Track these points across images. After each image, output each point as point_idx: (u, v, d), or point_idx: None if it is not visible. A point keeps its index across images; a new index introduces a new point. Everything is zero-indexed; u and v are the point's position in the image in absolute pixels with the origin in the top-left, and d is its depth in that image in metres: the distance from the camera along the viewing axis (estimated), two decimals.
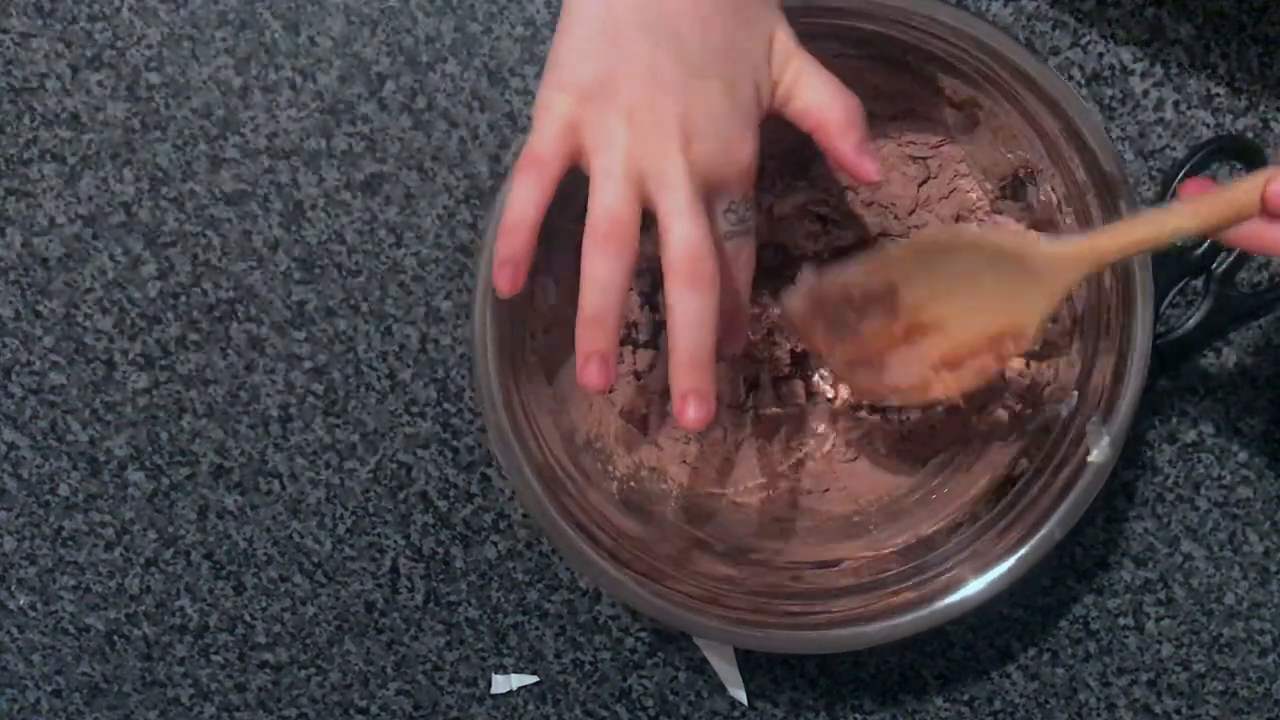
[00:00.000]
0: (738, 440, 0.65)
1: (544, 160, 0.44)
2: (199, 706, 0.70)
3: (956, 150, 0.60)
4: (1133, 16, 0.60)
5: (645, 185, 0.44)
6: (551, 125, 0.44)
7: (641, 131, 0.44)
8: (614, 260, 0.44)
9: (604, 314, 0.44)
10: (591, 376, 0.44)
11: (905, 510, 0.63)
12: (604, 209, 0.44)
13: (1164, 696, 0.68)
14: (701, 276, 0.44)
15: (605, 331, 0.44)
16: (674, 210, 0.44)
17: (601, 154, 0.44)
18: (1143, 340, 0.54)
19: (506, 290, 0.46)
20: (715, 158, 0.45)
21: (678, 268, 0.44)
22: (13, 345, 0.66)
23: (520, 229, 0.45)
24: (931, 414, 0.64)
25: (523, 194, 0.45)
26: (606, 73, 0.44)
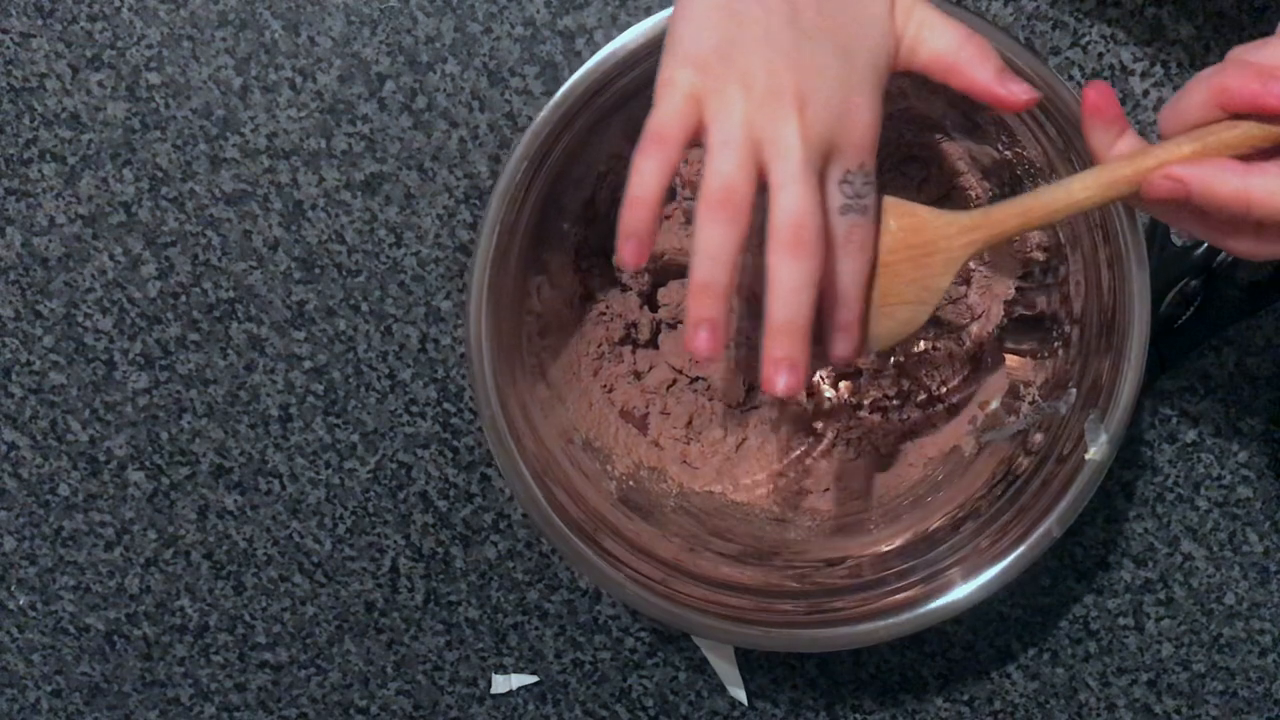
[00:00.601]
0: (738, 440, 0.65)
1: (666, 136, 0.44)
2: (199, 706, 0.70)
3: (955, 148, 0.60)
4: (1133, 16, 0.60)
5: (761, 152, 0.44)
6: (673, 100, 0.44)
7: (757, 99, 0.43)
8: (726, 228, 0.43)
9: (714, 281, 0.43)
10: (701, 342, 0.44)
11: (905, 509, 0.63)
12: (719, 176, 0.43)
13: (1164, 696, 0.68)
14: (803, 244, 0.43)
15: (715, 299, 0.43)
16: (784, 178, 0.43)
17: (719, 123, 0.44)
18: (1141, 338, 0.54)
19: (631, 263, 0.45)
20: (831, 124, 0.44)
21: (780, 234, 0.43)
22: (13, 345, 0.66)
23: (645, 203, 0.44)
24: (931, 413, 0.64)
25: (646, 169, 0.44)
26: (723, 43, 0.44)
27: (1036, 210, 0.47)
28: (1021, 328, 0.62)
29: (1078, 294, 0.58)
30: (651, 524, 0.61)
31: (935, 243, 0.48)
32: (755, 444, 0.64)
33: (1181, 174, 0.44)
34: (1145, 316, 0.54)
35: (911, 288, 0.49)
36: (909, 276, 0.48)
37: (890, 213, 0.48)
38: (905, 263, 0.48)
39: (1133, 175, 0.45)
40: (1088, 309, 0.57)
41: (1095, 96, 0.46)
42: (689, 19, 0.44)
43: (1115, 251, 0.54)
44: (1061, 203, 0.46)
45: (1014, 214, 0.47)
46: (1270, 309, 0.63)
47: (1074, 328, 0.58)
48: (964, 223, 0.48)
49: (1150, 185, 0.44)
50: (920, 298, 0.49)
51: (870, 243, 0.47)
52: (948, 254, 0.48)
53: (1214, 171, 0.43)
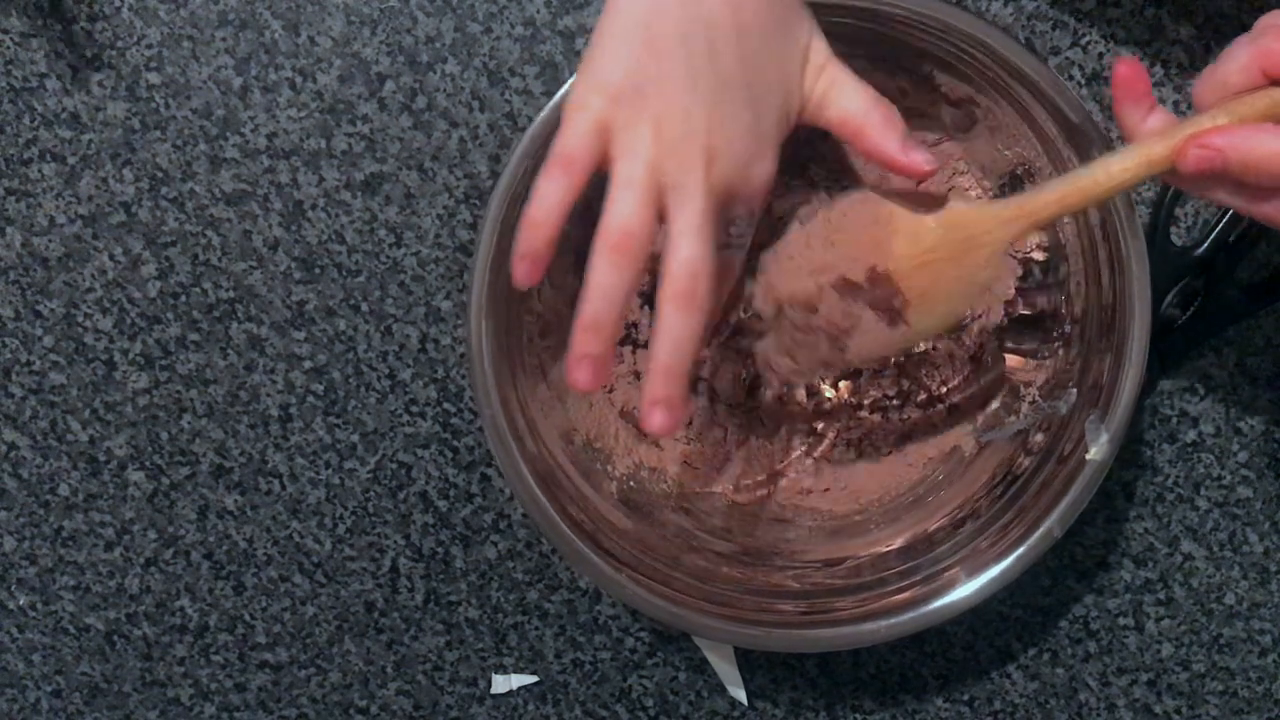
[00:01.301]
0: (738, 440, 0.65)
1: (573, 159, 0.45)
2: (199, 706, 0.70)
3: (955, 148, 0.60)
4: (1133, 16, 0.60)
5: (663, 196, 0.44)
6: (583, 124, 0.44)
7: (667, 143, 0.44)
8: (620, 271, 0.44)
9: (602, 322, 0.44)
10: (582, 377, 0.45)
11: (905, 509, 0.63)
12: (619, 219, 0.44)
13: (1164, 696, 0.68)
14: (694, 297, 0.44)
15: (601, 338, 0.45)
16: (685, 228, 0.44)
17: (625, 160, 0.44)
18: (1141, 338, 0.54)
19: (523, 283, 0.46)
20: (734, 176, 0.45)
21: (675, 285, 0.44)
22: (13, 345, 0.66)
23: (543, 224, 0.45)
24: (931, 413, 0.64)
25: (549, 191, 0.45)
26: (640, 79, 0.44)
27: (1074, 194, 0.47)
28: (1021, 328, 0.62)
29: (1078, 294, 0.58)
30: (651, 524, 0.61)
31: (976, 237, 0.48)
32: (755, 444, 0.64)
33: (1216, 142, 0.43)
34: (1145, 316, 0.54)
35: (955, 283, 0.49)
36: (951, 273, 0.49)
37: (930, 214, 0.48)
38: (946, 260, 0.48)
39: (1168, 151, 0.44)
40: (1088, 309, 0.57)
41: (1126, 71, 0.46)
42: (607, 44, 0.44)
43: (1115, 251, 0.54)
44: (1101, 184, 0.46)
45: (1052, 200, 0.47)
46: (1270, 309, 0.63)
47: (1074, 328, 0.58)
48: (1003, 214, 0.47)
49: (1184, 157, 0.44)
50: (961, 291, 0.49)
51: (737, 269, 0.50)
52: (989, 246, 0.48)
53: (1249, 135, 0.43)
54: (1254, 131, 0.43)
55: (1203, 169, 0.44)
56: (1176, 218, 0.62)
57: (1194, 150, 0.44)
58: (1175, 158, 0.44)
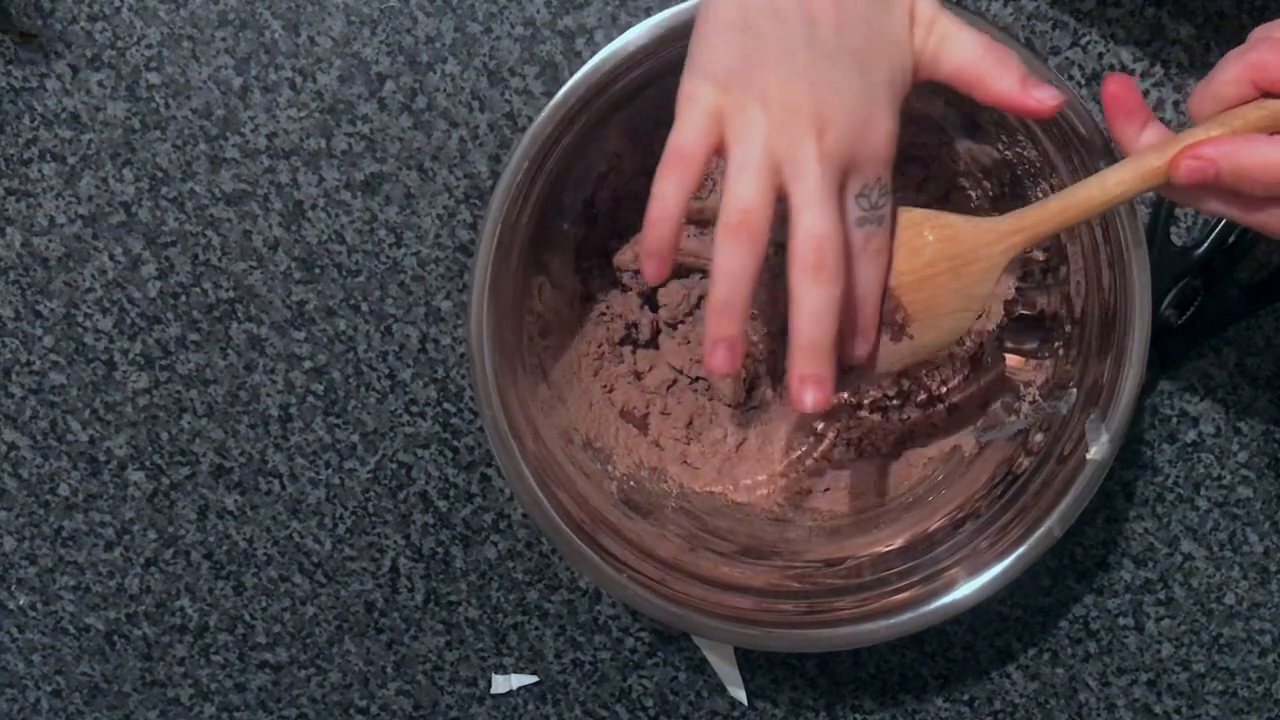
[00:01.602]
0: (738, 440, 0.65)
1: (688, 155, 0.45)
2: (199, 706, 0.70)
3: (955, 148, 0.60)
4: (1133, 16, 0.60)
5: (780, 173, 0.44)
6: (696, 117, 0.45)
7: (777, 119, 0.44)
8: (744, 251, 0.44)
9: (732, 302, 0.44)
10: (719, 361, 0.45)
11: (906, 509, 0.63)
12: (737, 199, 0.44)
13: (1164, 696, 0.68)
14: (824, 268, 0.44)
15: (733, 319, 0.44)
16: (804, 201, 0.44)
17: (740, 144, 0.44)
18: (1141, 338, 0.54)
19: (655, 280, 0.46)
20: (849, 143, 0.45)
21: (802, 259, 0.44)
22: (13, 345, 0.66)
23: (667, 222, 0.45)
24: (931, 413, 0.64)
25: (668, 189, 0.45)
26: (742, 61, 0.44)
27: (1072, 209, 0.47)
28: (1021, 328, 0.62)
29: (1078, 294, 0.58)
30: (652, 524, 0.61)
31: (974, 251, 0.48)
32: (756, 444, 0.64)
33: (1209, 152, 0.44)
34: (1145, 316, 0.54)
35: (955, 297, 0.49)
36: (951, 286, 0.49)
37: (927, 225, 0.48)
38: (946, 274, 0.48)
39: (1163, 163, 0.45)
40: (1088, 309, 0.57)
41: (1115, 88, 0.46)
42: (709, 35, 0.45)
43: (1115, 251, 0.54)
44: (1097, 199, 0.46)
45: (1051, 215, 0.47)
46: (1270, 309, 0.63)
47: (1074, 328, 0.59)
48: (1002, 229, 0.48)
49: (1177, 169, 0.44)
50: (964, 305, 0.49)
51: (886, 249, 0.48)
52: (987, 261, 0.48)
53: (1240, 145, 0.43)
54: (1245, 141, 0.43)
55: (1196, 179, 0.44)
56: (1176, 218, 0.62)
57: (1186, 161, 0.44)
58: (1169, 169, 0.45)
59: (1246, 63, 0.44)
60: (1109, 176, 0.46)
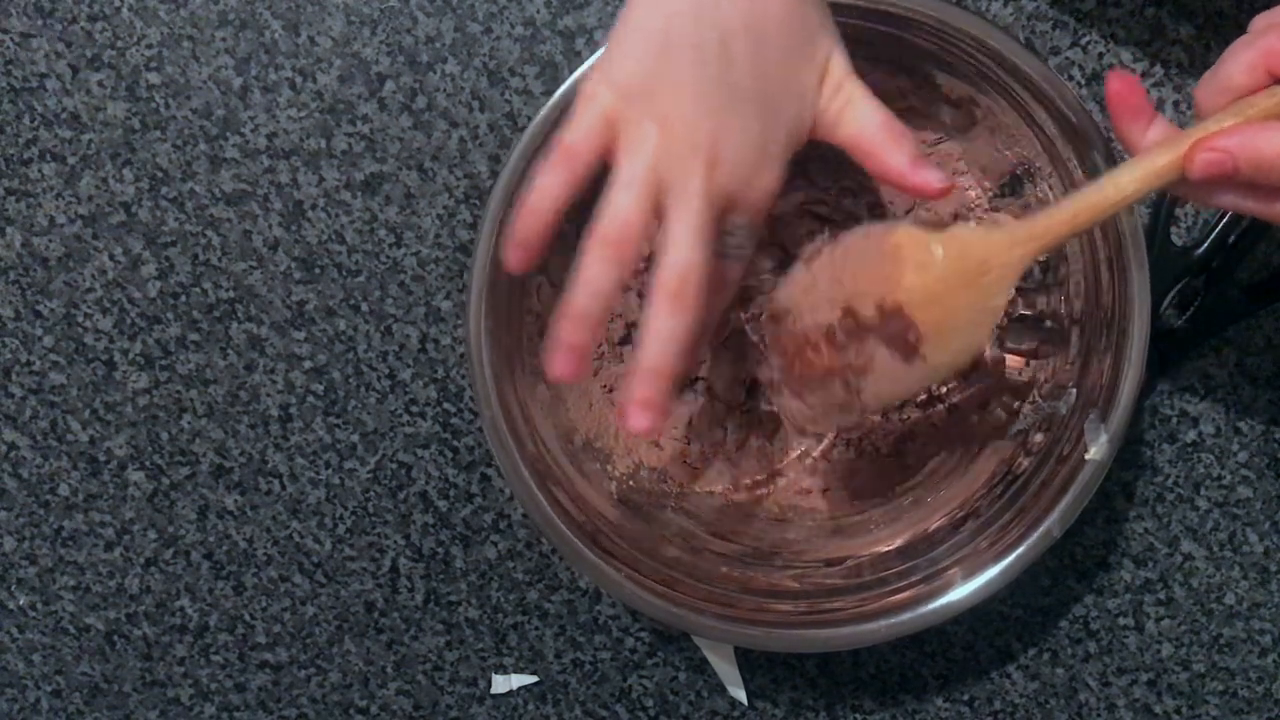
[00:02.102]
0: (738, 440, 0.65)
1: (576, 151, 0.45)
2: (199, 706, 0.70)
3: (954, 148, 0.60)
4: (1133, 16, 0.60)
5: (662, 195, 0.44)
6: (589, 116, 0.45)
7: (671, 143, 0.44)
8: (612, 266, 0.44)
9: (588, 314, 0.44)
10: (560, 366, 0.45)
11: (906, 509, 0.63)
12: (617, 213, 0.44)
13: (1164, 696, 0.68)
14: (685, 299, 0.44)
15: (585, 329, 0.45)
16: (681, 228, 0.44)
17: (628, 156, 0.44)
18: (1141, 338, 0.54)
19: (514, 269, 0.46)
20: (736, 184, 0.45)
21: (666, 286, 0.44)
22: (13, 345, 0.66)
23: (539, 213, 0.45)
24: (931, 413, 0.64)
25: (549, 181, 0.45)
26: (652, 78, 0.44)
27: (1085, 212, 0.46)
28: (1021, 328, 0.62)
29: (1078, 294, 0.58)
30: (652, 524, 0.61)
31: (987, 261, 0.47)
32: (755, 444, 0.65)
33: (1225, 143, 0.42)
34: (1145, 316, 0.54)
35: (968, 312, 0.48)
36: (962, 302, 0.47)
37: (933, 240, 0.47)
38: (957, 290, 0.47)
39: (1175, 160, 0.43)
40: (1088, 309, 0.57)
41: (1119, 86, 0.45)
42: (625, 42, 0.45)
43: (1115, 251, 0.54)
44: (1110, 200, 0.45)
45: (1063, 219, 0.46)
46: (1270, 309, 0.63)
47: (1074, 328, 0.58)
48: (1014, 238, 0.46)
49: (1193, 163, 0.43)
50: (978, 320, 0.48)
51: (737, 279, 0.49)
52: (1000, 271, 0.47)
53: (1257, 133, 0.42)
54: (1262, 129, 0.42)
55: (1212, 173, 0.43)
56: (1176, 218, 0.62)
57: (1202, 154, 0.43)
58: (1184, 164, 0.43)
59: (1259, 49, 0.42)
60: (1120, 176, 0.45)
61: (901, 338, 0.48)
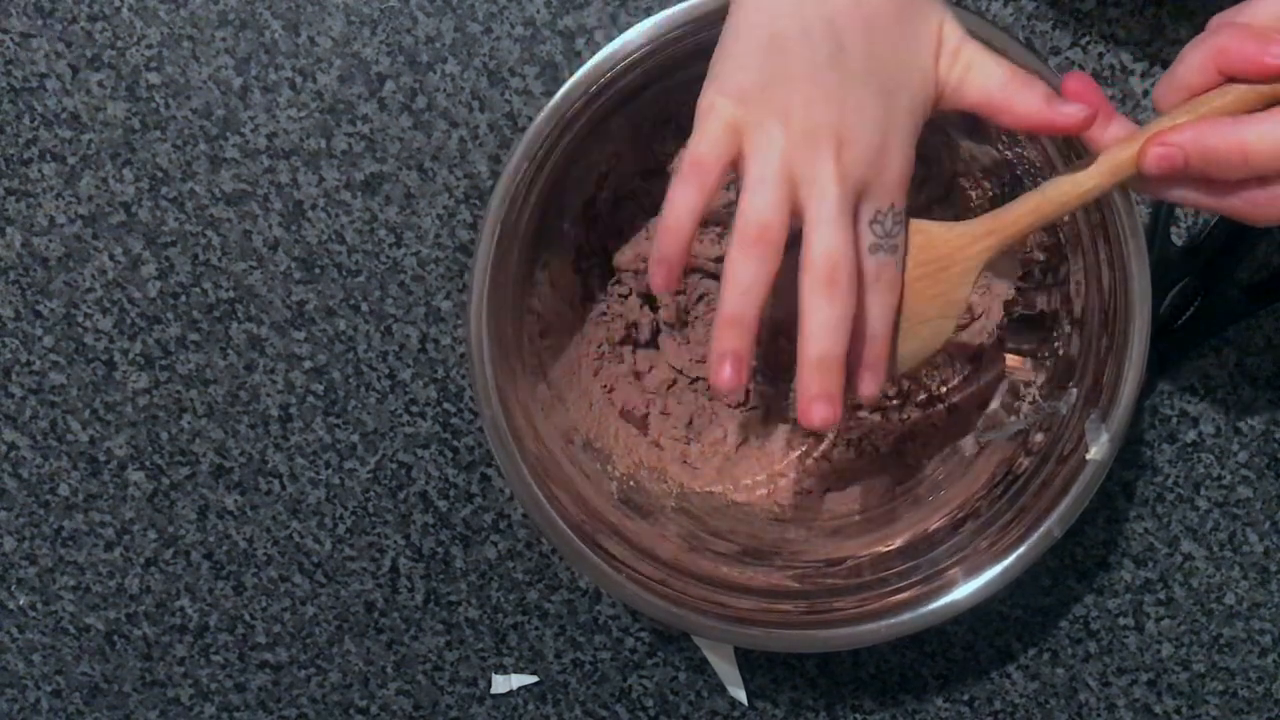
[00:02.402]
0: (738, 440, 0.65)
1: (705, 165, 0.45)
2: (199, 706, 0.70)
3: (955, 148, 0.60)
4: (1133, 16, 0.60)
5: (796, 190, 0.44)
6: (713, 129, 0.44)
7: (796, 136, 0.44)
8: (758, 264, 0.44)
9: (743, 315, 0.44)
10: (725, 376, 0.44)
11: (905, 509, 0.63)
12: (755, 212, 0.44)
13: (1164, 696, 0.68)
14: (836, 284, 0.44)
15: (743, 332, 0.44)
16: (819, 217, 0.44)
17: (757, 158, 0.44)
18: (1141, 338, 0.54)
19: (662, 288, 0.46)
20: (866, 166, 0.45)
21: (814, 274, 0.44)
22: (13, 345, 0.66)
23: (678, 231, 0.45)
24: (931, 413, 0.64)
25: (682, 198, 0.45)
26: (766, 78, 0.44)
27: (1047, 206, 0.47)
28: (1021, 328, 0.62)
29: (1078, 294, 0.58)
30: (652, 524, 0.61)
31: (950, 255, 0.48)
32: (755, 444, 0.65)
33: (1176, 139, 0.43)
34: (1145, 316, 0.54)
35: (933, 304, 0.49)
36: (929, 293, 0.48)
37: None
38: (923, 280, 0.48)
39: (1132, 156, 0.45)
40: (1088, 309, 0.57)
41: (1076, 85, 0.46)
42: (733, 49, 0.45)
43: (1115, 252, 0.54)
44: (1070, 195, 0.46)
45: (1025, 214, 0.47)
46: (1270, 309, 0.63)
47: (1074, 328, 0.58)
48: (976, 231, 0.48)
49: (1146, 159, 0.44)
50: (943, 312, 0.49)
51: (898, 281, 0.47)
52: (964, 264, 0.48)
53: (1207, 129, 0.43)
54: (1212, 125, 0.43)
55: (1165, 167, 0.44)
56: (1177, 218, 0.62)
57: (1154, 149, 0.44)
58: (1138, 160, 0.44)
59: (1209, 49, 0.43)
60: (1079, 174, 0.46)
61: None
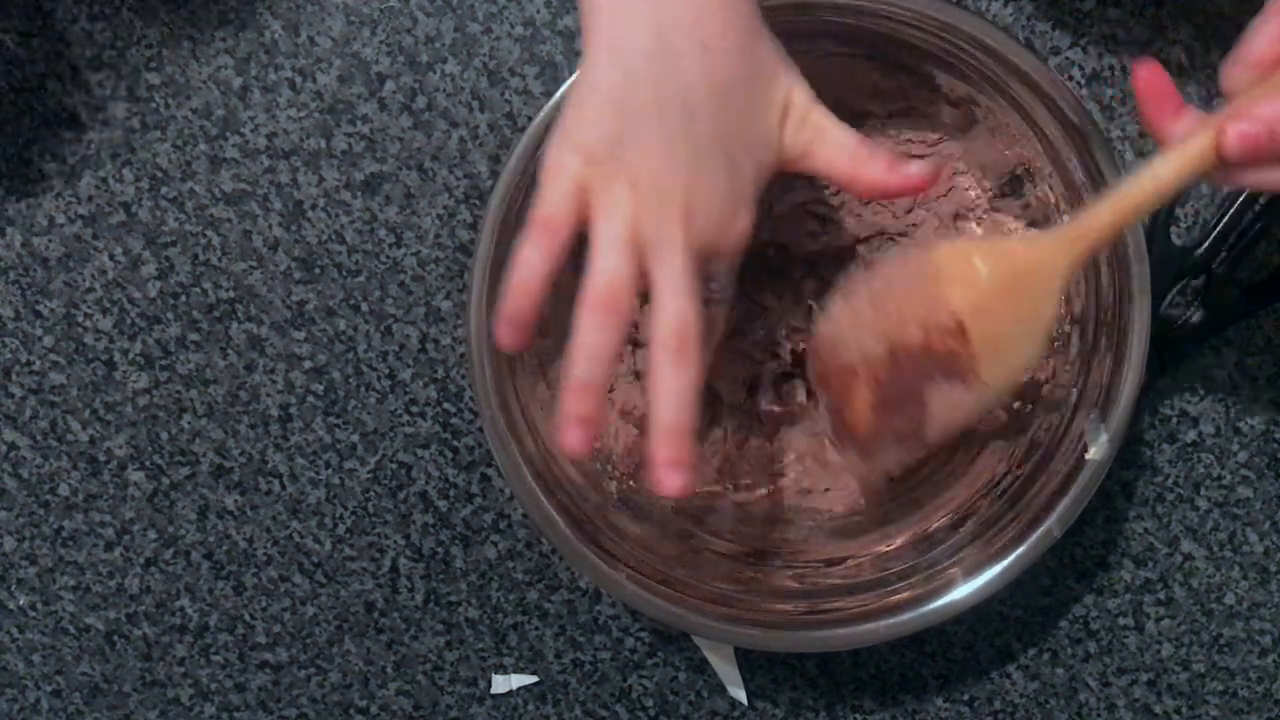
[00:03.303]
0: (738, 440, 0.65)
1: (554, 225, 0.45)
2: (199, 706, 0.70)
3: (954, 148, 0.60)
4: (1133, 16, 0.60)
5: (644, 254, 0.45)
6: (560, 186, 0.45)
7: (645, 203, 0.44)
8: (608, 331, 0.44)
9: (591, 381, 0.45)
10: (573, 440, 0.45)
11: (905, 509, 0.63)
12: (603, 277, 0.44)
13: (1164, 696, 0.68)
14: (687, 353, 0.44)
15: (591, 397, 0.45)
16: (668, 284, 0.44)
17: (605, 220, 0.44)
18: (1141, 338, 0.54)
19: (508, 348, 0.47)
20: (712, 233, 0.45)
21: (664, 343, 0.44)
22: (13, 345, 0.66)
23: (527, 292, 0.45)
24: None
25: (532, 258, 0.45)
26: (615, 138, 0.44)
27: (1129, 207, 0.45)
28: None
29: (1077, 294, 0.58)
30: (652, 524, 0.61)
31: (1032, 270, 0.46)
32: (755, 444, 0.65)
33: (1257, 111, 0.41)
34: (1145, 316, 0.54)
35: (1017, 326, 0.47)
36: (1011, 315, 0.47)
37: (976, 254, 0.46)
38: (1005, 302, 0.46)
39: (1210, 145, 0.42)
40: (1087, 309, 0.57)
41: (1147, 74, 0.44)
42: (584, 107, 0.45)
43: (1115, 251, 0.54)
44: (1151, 193, 0.44)
45: (1107, 218, 0.45)
46: (1270, 309, 0.63)
47: (1074, 328, 0.59)
48: (1060, 241, 0.46)
49: (1228, 140, 0.41)
50: (1030, 332, 0.47)
51: (722, 322, 0.50)
52: (1049, 279, 0.46)
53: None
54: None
55: (1248, 147, 0.41)
56: (1177, 218, 0.62)
57: (1235, 128, 0.41)
58: (1218, 144, 0.41)
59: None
60: (1159, 169, 0.43)
61: (954, 360, 0.47)
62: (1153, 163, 0.44)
